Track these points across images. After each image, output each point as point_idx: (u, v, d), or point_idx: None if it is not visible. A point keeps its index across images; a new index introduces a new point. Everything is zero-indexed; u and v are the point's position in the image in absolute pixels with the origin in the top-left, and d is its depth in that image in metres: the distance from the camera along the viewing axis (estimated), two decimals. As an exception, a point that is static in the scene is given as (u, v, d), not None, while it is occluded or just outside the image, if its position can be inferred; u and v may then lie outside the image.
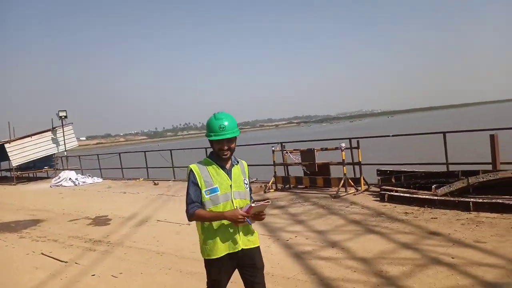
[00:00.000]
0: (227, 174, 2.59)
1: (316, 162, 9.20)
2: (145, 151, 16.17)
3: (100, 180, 16.55)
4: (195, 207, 2.52)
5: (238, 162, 2.71)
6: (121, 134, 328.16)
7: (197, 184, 2.54)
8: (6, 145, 18.12)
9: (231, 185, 2.57)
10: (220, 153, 2.54)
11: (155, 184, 13.44)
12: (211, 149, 2.62)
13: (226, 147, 2.52)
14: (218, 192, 2.52)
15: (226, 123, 2.50)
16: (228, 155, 2.56)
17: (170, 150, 14.58)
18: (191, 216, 2.54)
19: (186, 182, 2.59)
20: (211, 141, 2.54)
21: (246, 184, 2.67)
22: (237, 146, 2.62)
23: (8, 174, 22.19)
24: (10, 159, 18.38)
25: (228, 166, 2.61)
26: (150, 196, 10.99)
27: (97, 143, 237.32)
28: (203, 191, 2.53)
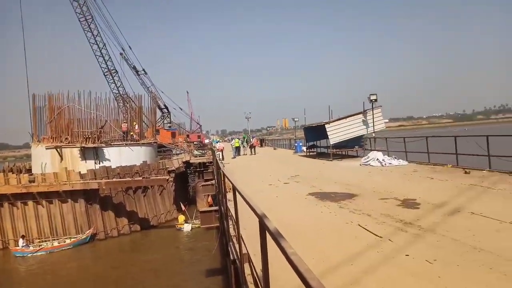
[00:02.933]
0: None
1: None
2: (455, 136, 15.09)
3: (405, 162, 16.77)
4: None
5: None
6: (424, 116, 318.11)
7: None
8: (326, 126, 21.16)
9: None
10: None
11: (466, 172, 12.39)
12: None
13: None
14: None
15: None
16: None
17: (487, 136, 12.96)
18: None
19: (504, 174, 2.11)
20: None
21: None
22: None
23: (326, 150, 25.88)
24: (329, 137, 21.32)
25: None
26: (460, 185, 10.23)
27: (399, 126, 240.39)
28: None
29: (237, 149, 33.68)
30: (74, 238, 21.99)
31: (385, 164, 16.56)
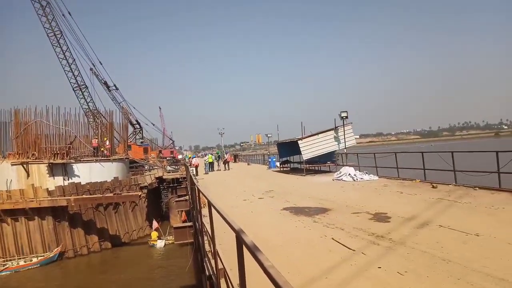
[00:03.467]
0: None
1: None
2: (422, 152, 15.66)
3: (376, 177, 17.19)
4: None
5: None
6: (393, 133, 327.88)
7: None
8: (299, 142, 21.47)
9: None
10: None
11: (433, 187, 12.85)
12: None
13: None
14: None
15: None
16: None
17: (452, 152, 13.55)
18: None
19: (469, 188, 2.21)
20: None
21: None
22: None
23: (299, 166, 26.18)
24: (302, 153, 21.62)
25: None
26: (428, 199, 10.60)
27: (369, 142, 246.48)
28: None
29: (211, 165, 33.57)
30: (41, 256, 21.11)
31: (357, 179, 16.92)
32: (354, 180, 16.86)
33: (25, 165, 24.91)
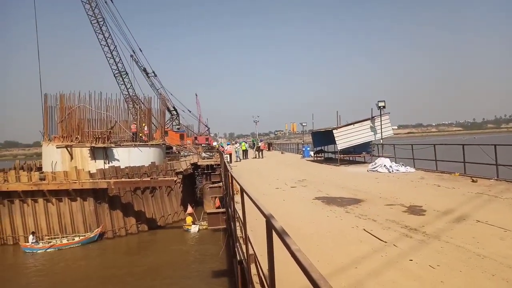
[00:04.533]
0: None
1: None
2: (463, 145, 15.08)
3: (412, 170, 16.77)
4: None
5: None
6: (433, 124, 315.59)
7: None
8: (334, 131, 21.23)
9: None
10: None
11: (473, 181, 12.39)
12: None
13: None
14: None
15: None
16: None
17: (495, 145, 12.96)
18: None
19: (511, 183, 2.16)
20: None
21: None
22: None
23: (333, 156, 25.92)
24: (336, 143, 21.38)
25: None
26: (467, 194, 10.26)
27: (408, 133, 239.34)
28: None
29: (244, 152, 33.84)
30: (82, 236, 22.27)
31: (392, 171, 16.58)
32: (390, 172, 16.53)
33: (69, 148, 26.18)
